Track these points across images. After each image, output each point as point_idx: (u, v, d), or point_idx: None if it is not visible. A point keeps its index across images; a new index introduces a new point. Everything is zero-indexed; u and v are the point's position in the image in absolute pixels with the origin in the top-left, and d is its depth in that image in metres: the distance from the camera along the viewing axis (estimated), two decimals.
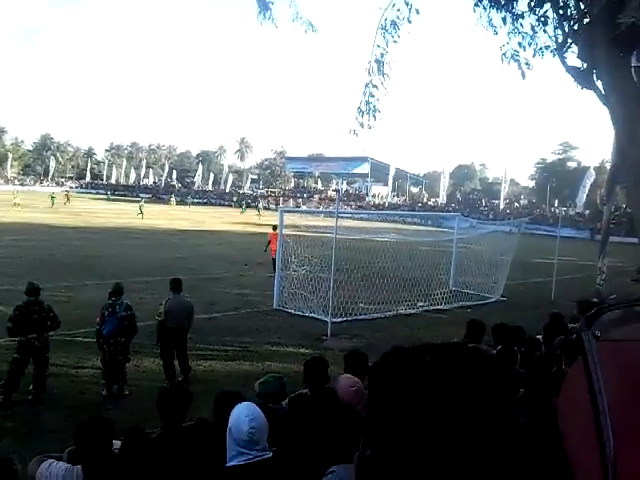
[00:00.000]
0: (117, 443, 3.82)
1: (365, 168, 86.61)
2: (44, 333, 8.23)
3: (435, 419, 0.75)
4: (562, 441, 0.75)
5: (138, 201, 52.24)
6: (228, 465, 3.15)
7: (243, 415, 3.14)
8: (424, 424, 0.75)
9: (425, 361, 0.80)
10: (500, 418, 0.77)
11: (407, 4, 7.70)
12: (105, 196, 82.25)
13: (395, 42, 7.76)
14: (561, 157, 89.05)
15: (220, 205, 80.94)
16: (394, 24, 7.77)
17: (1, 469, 3.20)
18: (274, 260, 18.00)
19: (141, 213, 43.80)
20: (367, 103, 7.85)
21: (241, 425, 3.10)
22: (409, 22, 7.77)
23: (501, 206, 69.28)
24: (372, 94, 7.83)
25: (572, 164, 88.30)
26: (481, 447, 0.74)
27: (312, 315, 13.61)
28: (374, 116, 7.90)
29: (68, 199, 57.47)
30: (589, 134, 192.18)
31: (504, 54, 7.96)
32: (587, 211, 62.04)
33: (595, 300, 10.17)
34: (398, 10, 7.76)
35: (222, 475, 3.15)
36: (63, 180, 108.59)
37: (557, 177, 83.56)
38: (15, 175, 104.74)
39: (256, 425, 3.12)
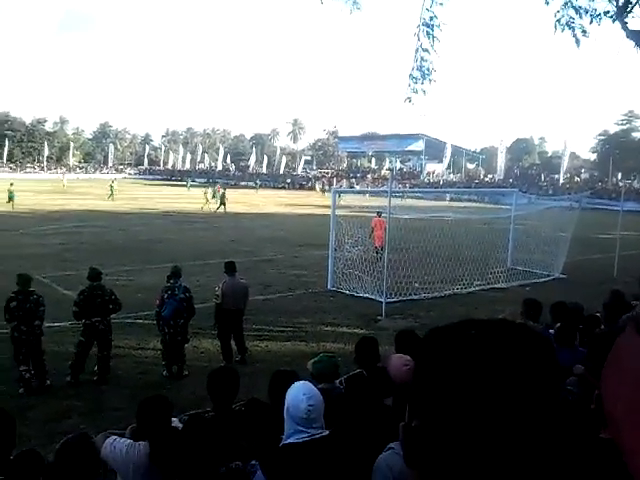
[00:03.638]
0: (175, 420, 3.94)
1: (419, 145, 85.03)
2: (107, 316, 8.55)
3: (478, 390, 0.76)
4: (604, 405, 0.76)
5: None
6: (285, 443, 3.19)
7: (301, 394, 3.16)
8: (468, 395, 0.76)
9: (470, 335, 0.81)
10: (545, 393, 0.78)
11: None
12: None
13: (441, 4, 7.51)
14: (625, 127, 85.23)
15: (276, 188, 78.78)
16: None
17: (81, 442, 3.42)
18: (378, 248, 17.61)
19: (223, 204, 36.25)
20: (420, 68, 7.64)
21: (299, 404, 3.12)
22: None
23: (561, 180, 67.05)
24: (424, 58, 7.61)
25: (637, 135, 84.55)
26: (522, 420, 0.75)
27: (366, 295, 13.60)
28: (429, 80, 7.68)
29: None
30: None
31: (558, 20, 7.62)
32: None
33: None
34: None
35: (279, 453, 3.19)
36: (122, 167, 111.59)
37: (620, 149, 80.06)
38: (77, 163, 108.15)
39: (314, 403, 3.14)
